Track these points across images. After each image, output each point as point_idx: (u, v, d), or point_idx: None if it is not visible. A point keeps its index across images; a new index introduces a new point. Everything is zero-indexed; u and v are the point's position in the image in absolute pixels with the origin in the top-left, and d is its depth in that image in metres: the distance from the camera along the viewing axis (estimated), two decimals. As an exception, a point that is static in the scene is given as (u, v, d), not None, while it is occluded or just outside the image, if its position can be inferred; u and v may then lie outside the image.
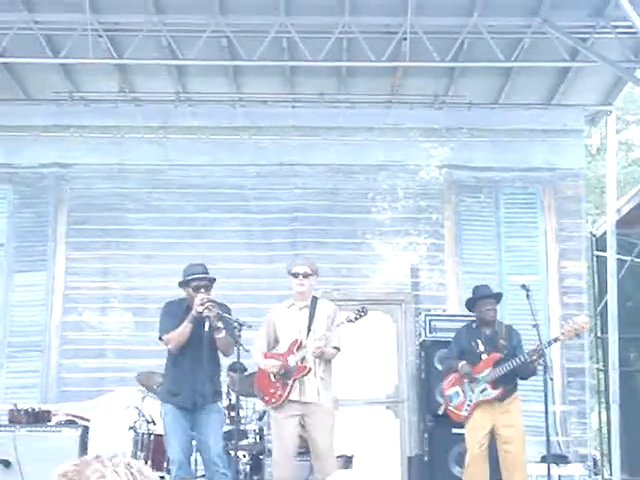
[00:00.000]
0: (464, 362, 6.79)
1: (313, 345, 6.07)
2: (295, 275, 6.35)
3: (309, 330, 6.20)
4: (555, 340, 6.73)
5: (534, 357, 6.46)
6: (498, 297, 7.09)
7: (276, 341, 6.35)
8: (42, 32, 8.30)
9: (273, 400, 6.17)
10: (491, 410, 6.70)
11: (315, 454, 6.16)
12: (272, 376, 6.18)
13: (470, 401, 6.75)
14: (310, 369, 6.12)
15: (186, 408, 6.00)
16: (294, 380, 6.11)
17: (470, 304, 7.06)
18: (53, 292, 9.50)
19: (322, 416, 6.10)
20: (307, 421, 6.10)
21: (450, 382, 6.92)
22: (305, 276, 6.31)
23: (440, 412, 7.55)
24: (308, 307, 6.30)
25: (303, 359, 6.13)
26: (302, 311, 6.31)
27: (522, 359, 6.54)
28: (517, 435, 6.65)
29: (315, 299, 6.38)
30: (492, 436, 6.70)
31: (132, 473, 1.52)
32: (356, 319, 6.18)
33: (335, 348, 6.20)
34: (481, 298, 6.93)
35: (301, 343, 6.17)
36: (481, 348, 6.82)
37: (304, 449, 6.56)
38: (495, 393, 6.68)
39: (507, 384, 6.69)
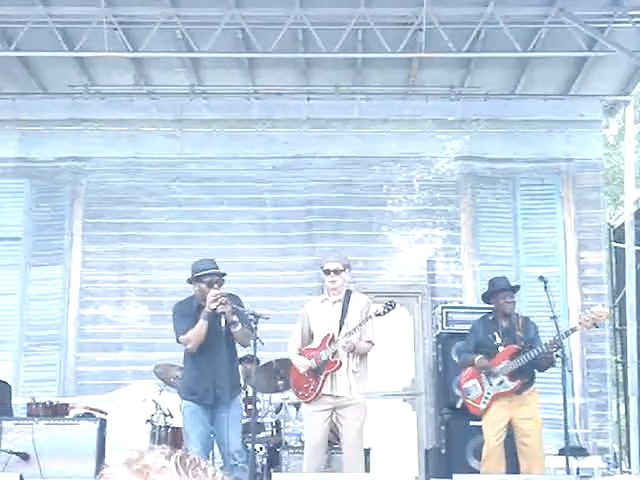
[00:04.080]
0: (481, 356, 6.75)
1: (343, 340, 6.07)
2: (327, 272, 6.33)
3: (342, 324, 6.20)
4: (572, 330, 6.68)
5: (552, 349, 6.41)
6: (516, 290, 7.05)
7: (311, 336, 6.35)
8: (57, 26, 8.31)
9: (306, 395, 6.19)
10: (509, 403, 6.66)
11: (344, 447, 6.19)
12: (304, 372, 6.20)
13: (488, 394, 6.72)
14: (341, 363, 6.12)
15: (207, 404, 6.00)
16: (325, 375, 6.12)
17: (488, 296, 7.02)
18: (70, 286, 9.53)
19: (353, 410, 6.11)
20: (338, 414, 6.12)
21: (467, 375, 6.89)
22: (337, 272, 6.29)
23: (458, 406, 7.52)
24: (341, 301, 6.29)
25: (335, 353, 6.13)
26: (335, 305, 6.30)
27: (539, 350, 6.50)
28: (535, 428, 6.61)
29: (349, 293, 6.36)
30: (510, 429, 6.67)
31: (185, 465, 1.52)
32: (384, 312, 6.16)
33: (368, 342, 6.20)
34: (500, 290, 6.89)
35: (333, 337, 6.16)
36: (498, 340, 6.78)
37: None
38: (512, 385, 6.64)
39: (525, 376, 6.65)
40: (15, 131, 9.85)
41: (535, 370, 6.74)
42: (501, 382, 6.67)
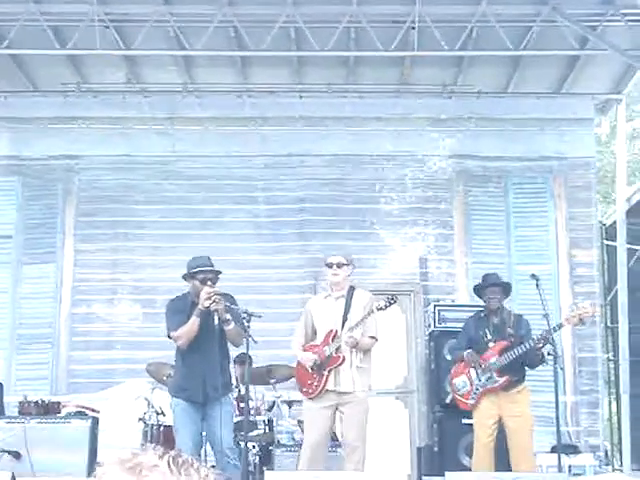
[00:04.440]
0: (470, 350, 6.78)
1: (346, 335, 6.09)
2: (329, 265, 6.36)
3: (344, 320, 6.21)
4: (559, 326, 6.67)
5: (540, 344, 6.43)
6: (506, 287, 7.04)
7: (314, 332, 6.36)
8: (49, 23, 8.28)
9: (310, 391, 6.20)
10: (498, 399, 6.68)
11: (345, 444, 6.19)
12: (309, 368, 6.21)
13: (477, 389, 6.73)
14: (344, 359, 6.13)
15: (197, 402, 5.99)
16: (329, 370, 6.14)
17: (477, 291, 7.07)
18: (62, 284, 9.51)
19: (356, 407, 6.12)
20: (341, 411, 6.13)
21: (457, 371, 6.92)
22: (339, 266, 6.31)
23: (447, 401, 7.53)
24: (344, 297, 6.31)
25: (338, 349, 6.15)
26: (338, 301, 6.32)
27: (528, 346, 6.51)
28: (524, 425, 6.62)
29: (352, 289, 6.37)
30: (501, 426, 6.68)
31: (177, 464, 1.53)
32: (386, 307, 6.18)
33: (371, 337, 6.22)
34: (487, 286, 6.93)
35: (336, 333, 6.18)
36: (489, 336, 6.80)
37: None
38: (500, 381, 6.65)
39: (514, 373, 6.66)
40: (7, 129, 9.83)
41: (526, 367, 6.76)
42: (489, 378, 6.69)
